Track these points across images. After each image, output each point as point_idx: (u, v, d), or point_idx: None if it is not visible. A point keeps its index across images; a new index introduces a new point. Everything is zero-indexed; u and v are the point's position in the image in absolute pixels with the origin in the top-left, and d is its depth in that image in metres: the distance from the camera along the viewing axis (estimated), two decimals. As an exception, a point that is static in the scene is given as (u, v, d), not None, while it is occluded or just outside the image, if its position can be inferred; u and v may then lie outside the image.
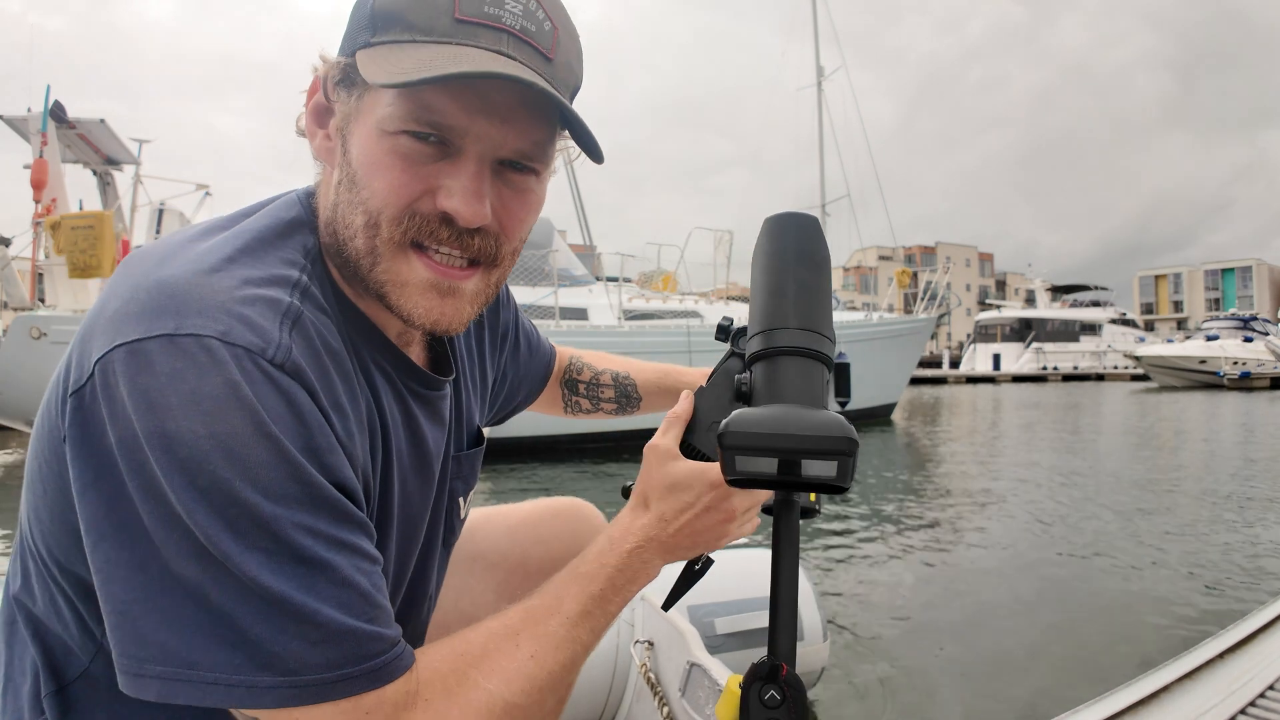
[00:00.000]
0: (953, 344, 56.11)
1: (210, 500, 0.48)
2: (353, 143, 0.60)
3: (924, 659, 2.59)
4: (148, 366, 0.49)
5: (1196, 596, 3.28)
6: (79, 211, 8.51)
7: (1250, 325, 36.11)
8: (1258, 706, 1.23)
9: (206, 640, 0.48)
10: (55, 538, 0.57)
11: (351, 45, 0.60)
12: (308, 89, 0.64)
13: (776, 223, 0.63)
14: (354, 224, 0.60)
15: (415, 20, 0.57)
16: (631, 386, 1.09)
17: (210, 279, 0.53)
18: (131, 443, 0.48)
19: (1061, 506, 5.40)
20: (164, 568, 0.48)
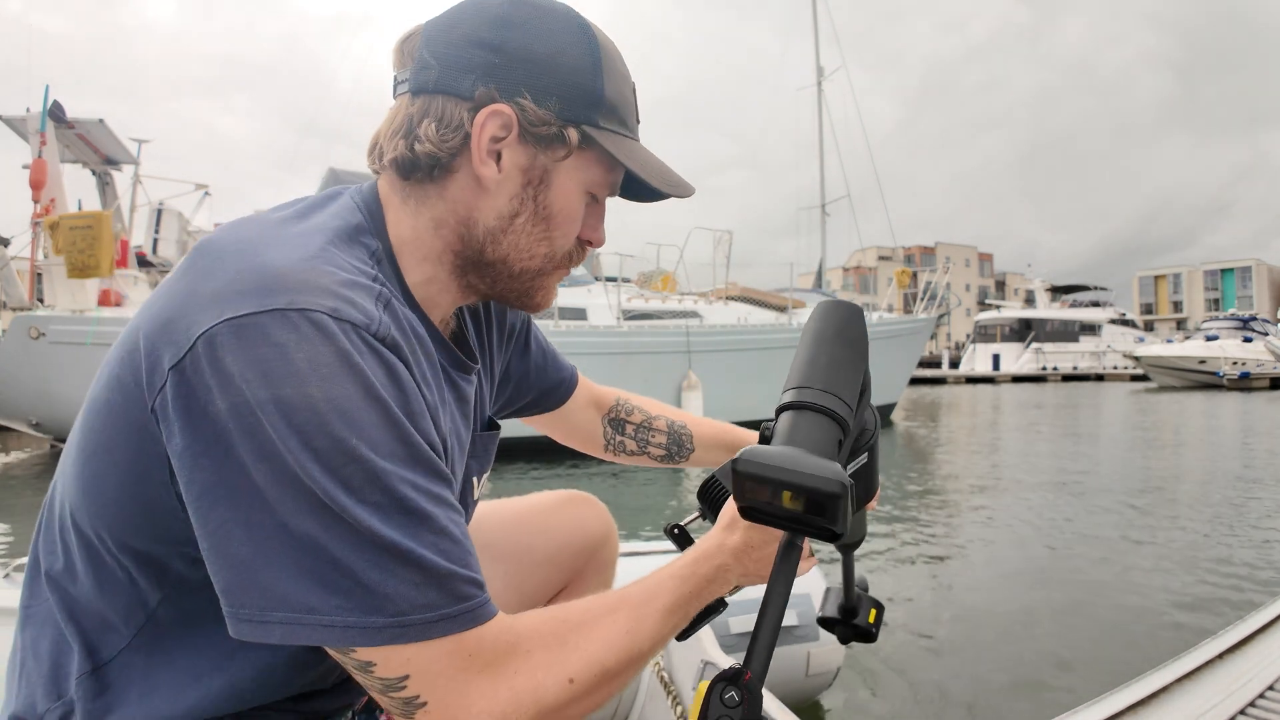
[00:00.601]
0: (952, 344, 56.14)
1: (327, 460, 0.53)
2: (555, 192, 0.72)
3: (930, 658, 2.59)
4: (263, 338, 0.53)
5: (1197, 596, 3.28)
6: (78, 211, 8.51)
7: (1250, 325, 36.10)
8: (1257, 707, 1.23)
9: (323, 587, 0.53)
10: (114, 516, 0.61)
11: (580, 115, 0.69)
12: (484, 113, 0.68)
13: (825, 306, 0.76)
14: (535, 251, 0.73)
15: (625, 118, 0.73)
16: (687, 437, 1.13)
17: (313, 264, 0.59)
18: (244, 409, 0.53)
19: (1062, 506, 5.40)
20: (280, 524, 0.53)
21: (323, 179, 9.84)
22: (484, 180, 0.70)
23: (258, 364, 0.53)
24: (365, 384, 0.56)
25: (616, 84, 0.72)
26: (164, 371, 0.55)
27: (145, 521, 0.60)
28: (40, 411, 7.98)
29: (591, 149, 0.71)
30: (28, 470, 7.46)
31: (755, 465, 0.57)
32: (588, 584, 1.09)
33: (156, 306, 0.59)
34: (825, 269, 20.80)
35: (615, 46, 0.74)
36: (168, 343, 0.56)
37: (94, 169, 9.94)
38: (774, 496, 0.58)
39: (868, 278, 64.71)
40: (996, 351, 45.31)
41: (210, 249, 0.61)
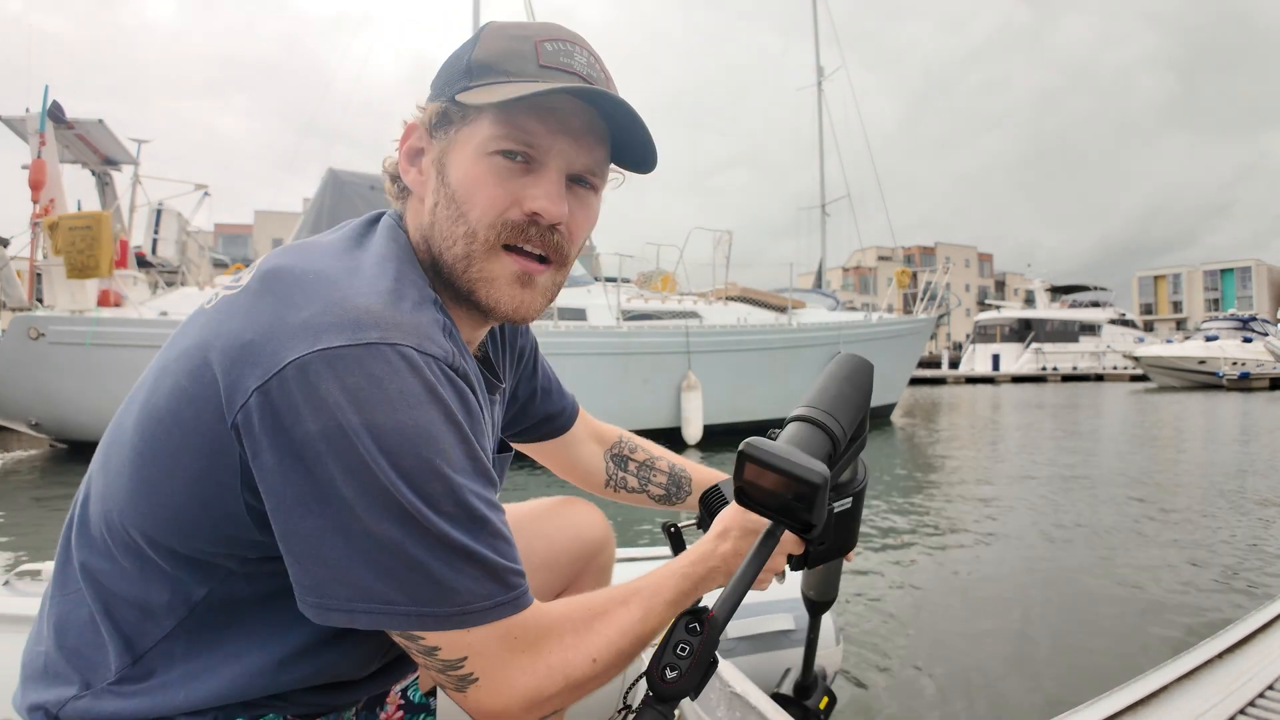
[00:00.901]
0: (951, 344, 56.14)
1: (412, 477, 0.60)
2: (451, 169, 0.73)
3: (927, 658, 2.58)
4: (357, 369, 0.60)
5: (1196, 596, 3.28)
6: (77, 212, 8.51)
7: (1249, 326, 36.11)
8: (1257, 706, 1.22)
9: (402, 583, 0.61)
10: (172, 520, 0.66)
11: (449, 91, 0.73)
12: (401, 137, 0.77)
13: (846, 356, 0.91)
14: (454, 235, 0.73)
15: (507, 67, 0.71)
16: (686, 480, 1.17)
17: (394, 299, 0.65)
18: (336, 431, 0.59)
19: (1062, 506, 5.40)
20: (367, 531, 0.60)
21: (322, 179, 9.85)
22: (413, 187, 0.77)
23: (351, 392, 0.59)
24: (445, 410, 0.63)
25: (496, 44, 0.73)
26: (247, 391, 0.60)
27: (207, 526, 0.65)
28: (39, 411, 7.98)
29: (475, 114, 0.72)
30: (27, 470, 7.46)
31: (757, 449, 0.71)
32: (585, 588, 1.11)
33: (230, 327, 0.63)
34: (825, 269, 20.79)
35: (529, 21, 0.76)
36: (251, 365, 0.61)
37: (93, 169, 9.93)
38: (765, 480, 0.72)
39: (868, 278, 64.70)
40: (996, 352, 45.32)
41: (284, 275, 0.66)
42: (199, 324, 0.68)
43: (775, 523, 0.78)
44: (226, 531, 0.65)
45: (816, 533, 0.76)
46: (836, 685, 2.21)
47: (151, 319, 8.07)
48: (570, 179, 0.76)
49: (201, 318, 0.69)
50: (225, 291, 0.70)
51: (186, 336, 0.68)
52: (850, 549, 1.04)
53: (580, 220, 0.78)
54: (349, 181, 9.87)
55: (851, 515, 1.03)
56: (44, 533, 4.76)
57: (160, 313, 8.23)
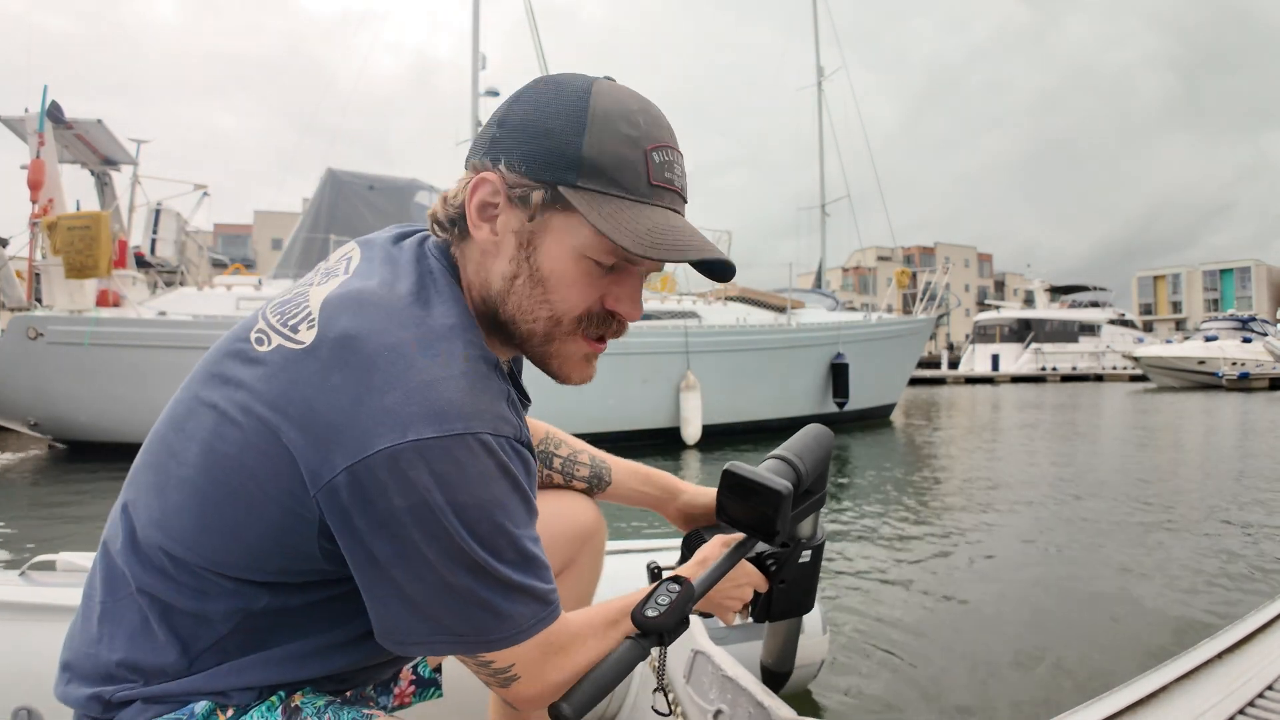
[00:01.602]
0: (952, 344, 56.14)
1: (485, 539, 0.70)
2: (543, 256, 0.76)
3: (924, 655, 2.58)
4: (445, 457, 0.67)
5: (1196, 596, 3.28)
6: (76, 212, 8.50)
7: (1249, 326, 36.11)
8: (1256, 706, 1.22)
9: (470, 618, 0.72)
10: (244, 554, 0.73)
11: (550, 175, 0.73)
12: (469, 185, 0.78)
13: (815, 425, 1.14)
14: (536, 314, 0.78)
15: (619, 179, 0.73)
16: (606, 471, 1.23)
17: (471, 385, 0.71)
18: (424, 509, 0.67)
19: (1060, 506, 5.40)
20: (442, 580, 0.69)
21: (321, 179, 9.85)
22: (481, 243, 0.79)
23: (439, 476, 0.67)
24: (514, 481, 0.73)
25: (610, 144, 0.73)
26: (335, 469, 0.67)
27: (279, 558, 0.73)
28: (38, 412, 7.97)
29: (574, 211, 0.74)
30: (26, 470, 7.46)
31: (736, 468, 0.96)
32: (581, 570, 1.21)
33: (303, 396, 0.69)
34: (825, 269, 20.79)
35: (639, 109, 0.76)
36: (338, 447, 0.67)
37: (92, 169, 9.93)
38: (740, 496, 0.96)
39: (867, 278, 64.76)
40: (996, 352, 45.31)
41: (358, 348, 0.70)
42: (257, 374, 0.72)
43: (748, 535, 1.00)
44: (297, 564, 0.74)
45: (780, 540, 0.97)
46: (822, 675, 2.23)
47: (150, 319, 8.06)
48: None
49: (258, 367, 0.72)
50: (283, 342, 0.73)
51: (241, 381, 0.73)
52: (807, 610, 1.18)
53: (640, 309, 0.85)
54: (348, 181, 9.87)
55: (810, 573, 1.16)
56: (45, 531, 4.76)
57: (159, 313, 8.22)
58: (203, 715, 0.75)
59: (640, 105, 0.77)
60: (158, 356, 7.85)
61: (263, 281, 9.32)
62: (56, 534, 4.72)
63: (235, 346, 0.77)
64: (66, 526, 4.96)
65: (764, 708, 1.15)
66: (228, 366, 0.75)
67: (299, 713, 0.77)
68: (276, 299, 0.81)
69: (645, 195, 0.75)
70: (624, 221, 0.72)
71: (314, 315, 0.73)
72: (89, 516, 5.21)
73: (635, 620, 0.84)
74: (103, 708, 0.75)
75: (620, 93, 0.76)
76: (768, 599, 1.11)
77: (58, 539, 4.47)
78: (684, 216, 0.79)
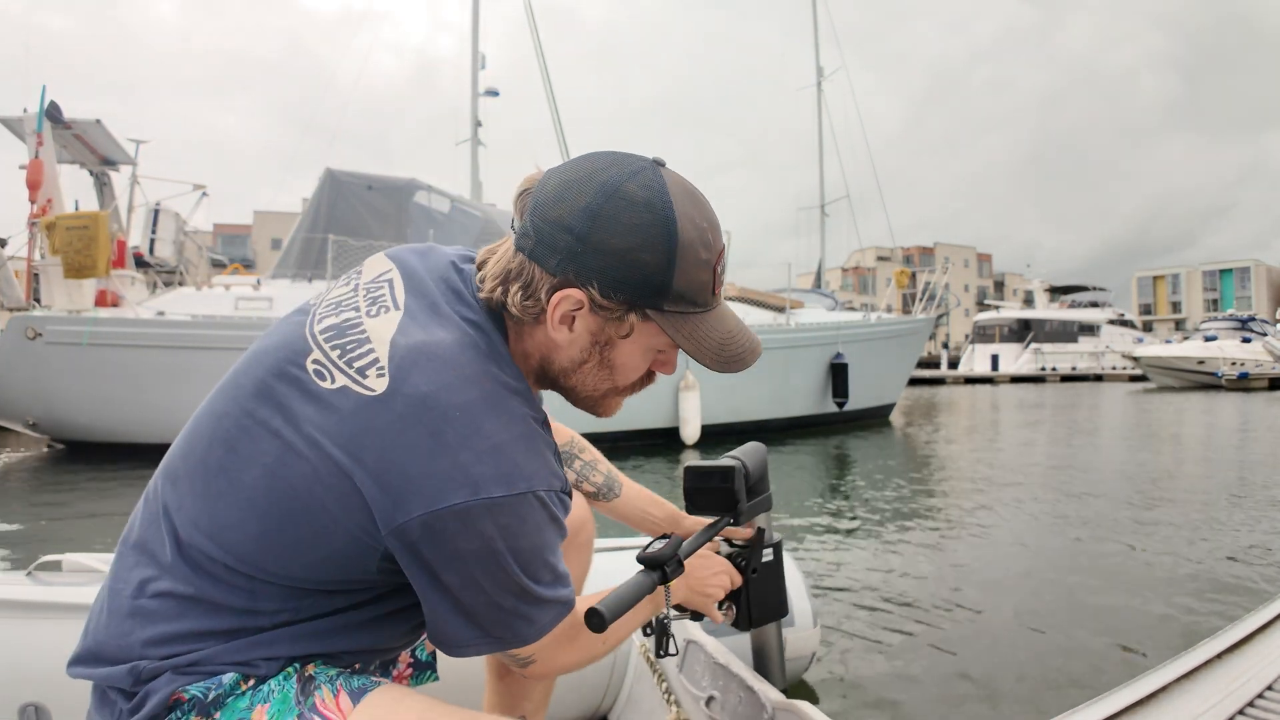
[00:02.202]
0: (951, 344, 56.14)
1: (531, 570, 0.83)
2: (618, 353, 0.90)
3: (918, 650, 2.58)
4: (510, 512, 0.78)
5: (1195, 596, 3.27)
6: (74, 212, 8.50)
7: (1248, 326, 36.12)
8: (1256, 707, 1.22)
9: (510, 626, 0.85)
10: (304, 567, 0.81)
11: (640, 300, 0.84)
12: (558, 296, 0.84)
13: (754, 443, 1.35)
14: (600, 386, 0.93)
15: (696, 300, 0.86)
16: (618, 485, 1.33)
17: (528, 447, 0.82)
18: (487, 553, 0.78)
19: (1058, 506, 5.40)
20: (492, 601, 0.82)
21: (320, 179, 9.84)
22: (558, 339, 0.88)
23: (502, 528, 0.78)
24: (559, 526, 0.85)
25: (691, 272, 0.83)
26: (409, 514, 0.76)
27: (338, 574, 0.83)
28: (37, 411, 7.97)
29: (654, 323, 0.86)
30: (24, 470, 7.45)
31: (694, 463, 1.28)
32: (570, 561, 1.26)
33: (379, 445, 0.76)
34: (824, 269, 20.78)
35: (706, 224, 0.85)
36: (415, 495, 0.75)
37: (91, 169, 9.93)
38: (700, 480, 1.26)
39: (866, 278, 64.76)
40: (995, 352, 45.31)
41: (435, 407, 0.77)
42: (325, 413, 0.78)
43: (717, 519, 1.20)
44: (353, 577, 0.84)
45: (742, 508, 1.23)
46: (814, 667, 2.24)
47: (148, 319, 8.05)
48: None
49: (325, 405, 0.79)
50: (349, 384, 0.79)
51: (307, 417, 0.79)
52: (782, 614, 1.33)
53: None
54: (346, 181, 9.86)
55: (776, 572, 1.32)
56: (44, 532, 4.75)
57: (157, 313, 8.21)
58: (230, 685, 0.80)
59: (706, 219, 0.85)
60: (156, 357, 7.84)
61: (261, 282, 9.32)
62: (55, 535, 4.71)
63: (290, 372, 0.82)
64: (65, 527, 4.95)
65: (754, 691, 1.21)
66: (284, 394, 0.81)
67: (312, 680, 0.83)
68: (327, 320, 0.86)
69: (708, 305, 0.88)
70: (701, 338, 0.87)
71: (382, 363, 0.80)
72: (89, 513, 5.21)
73: (639, 558, 1.04)
74: (133, 680, 0.80)
75: (690, 207, 0.84)
76: (746, 604, 1.27)
77: (57, 540, 4.46)
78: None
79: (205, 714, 0.80)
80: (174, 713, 0.79)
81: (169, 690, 0.79)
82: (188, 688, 0.79)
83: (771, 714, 1.18)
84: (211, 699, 0.80)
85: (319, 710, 0.81)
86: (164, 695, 0.79)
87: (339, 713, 0.81)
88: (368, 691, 0.83)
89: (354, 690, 0.83)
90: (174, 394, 7.61)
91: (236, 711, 0.80)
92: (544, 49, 13.37)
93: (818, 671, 2.45)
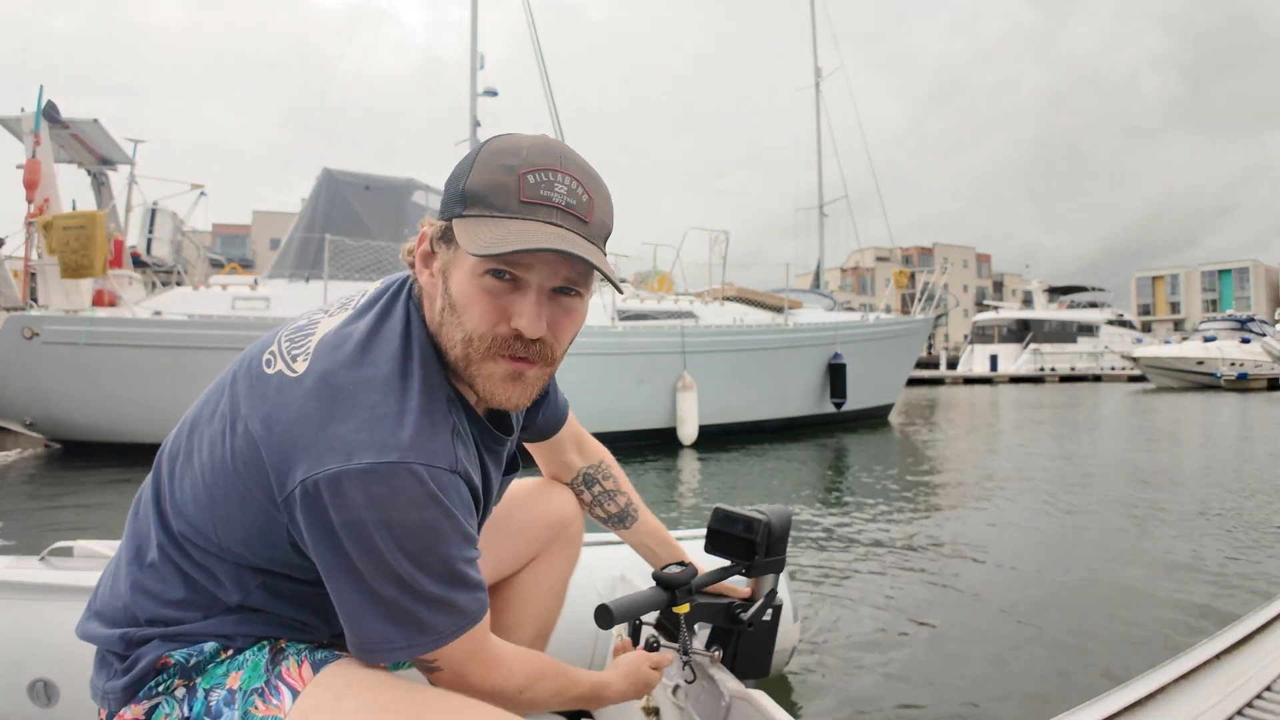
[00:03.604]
0: (950, 345, 56.19)
1: (414, 556, 0.82)
2: (452, 281, 0.87)
3: (900, 649, 2.57)
4: (378, 481, 0.79)
5: (1193, 597, 3.26)
6: (71, 212, 8.49)
7: (1247, 326, 36.16)
8: (1254, 707, 1.21)
9: (399, 627, 0.84)
10: (242, 542, 0.87)
11: (449, 213, 0.86)
12: (417, 238, 0.92)
13: (785, 508, 1.37)
14: (454, 338, 0.88)
15: (494, 201, 0.83)
16: (632, 520, 1.39)
17: (417, 422, 0.83)
18: (356, 525, 0.79)
19: (1057, 504, 5.40)
20: (370, 590, 0.82)
21: (317, 179, 9.84)
22: (425, 288, 0.91)
23: (371, 498, 0.79)
24: (445, 509, 0.83)
25: (487, 174, 0.84)
26: (296, 481, 0.80)
27: (265, 550, 0.87)
28: (34, 411, 7.96)
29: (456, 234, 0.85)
30: (22, 470, 7.44)
31: (725, 506, 1.39)
32: (555, 556, 1.35)
33: (285, 419, 0.82)
34: (823, 270, 20.79)
35: (529, 146, 0.85)
36: (299, 462, 0.80)
37: (89, 169, 9.91)
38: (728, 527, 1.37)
39: (865, 278, 64.79)
40: (994, 352, 45.34)
41: (332, 383, 0.83)
42: (256, 392, 0.85)
43: (731, 565, 1.32)
44: (279, 556, 0.87)
45: (758, 560, 1.30)
46: (793, 662, 2.25)
47: (145, 319, 8.04)
48: (555, 290, 0.88)
49: (260, 386, 0.86)
50: (283, 368, 0.86)
51: (245, 396, 0.86)
52: (764, 674, 1.38)
53: (564, 326, 0.90)
54: (344, 181, 9.85)
55: (769, 634, 1.37)
56: (55, 521, 4.74)
57: (154, 312, 8.21)
58: (210, 653, 0.89)
59: (535, 143, 0.86)
60: (153, 356, 7.83)
61: (258, 281, 9.31)
62: (63, 525, 4.69)
63: (253, 365, 0.89)
64: (71, 519, 4.93)
65: (714, 681, 1.29)
66: (240, 382, 0.89)
67: (282, 652, 0.91)
68: (297, 322, 0.94)
69: (515, 211, 0.83)
70: (482, 233, 0.82)
71: (310, 349, 0.86)
72: (93, 506, 5.20)
73: (655, 575, 1.19)
74: (125, 645, 0.89)
75: (524, 139, 0.86)
76: (734, 652, 1.33)
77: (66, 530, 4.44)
78: (570, 230, 0.84)
79: (187, 678, 0.89)
80: (160, 675, 0.88)
81: (156, 655, 0.88)
82: (173, 653, 0.88)
83: (729, 702, 1.25)
84: (193, 664, 0.88)
85: (283, 678, 0.88)
86: (152, 659, 0.88)
87: (300, 681, 0.88)
88: (328, 663, 0.89)
89: (316, 662, 0.90)
90: (171, 393, 7.59)
91: (214, 677, 0.88)
92: (545, 50, 13.37)
93: (802, 664, 2.48)
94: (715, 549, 1.36)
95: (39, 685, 1.42)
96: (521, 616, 1.32)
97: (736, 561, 1.31)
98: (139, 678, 0.88)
